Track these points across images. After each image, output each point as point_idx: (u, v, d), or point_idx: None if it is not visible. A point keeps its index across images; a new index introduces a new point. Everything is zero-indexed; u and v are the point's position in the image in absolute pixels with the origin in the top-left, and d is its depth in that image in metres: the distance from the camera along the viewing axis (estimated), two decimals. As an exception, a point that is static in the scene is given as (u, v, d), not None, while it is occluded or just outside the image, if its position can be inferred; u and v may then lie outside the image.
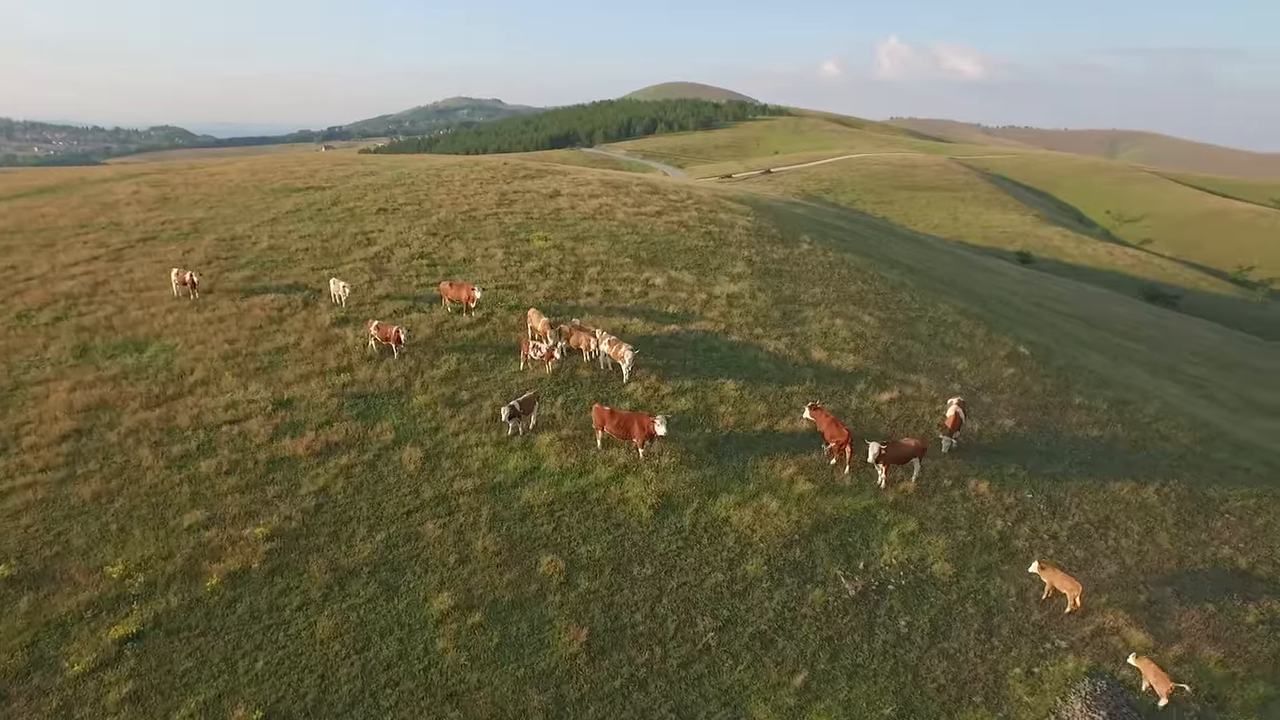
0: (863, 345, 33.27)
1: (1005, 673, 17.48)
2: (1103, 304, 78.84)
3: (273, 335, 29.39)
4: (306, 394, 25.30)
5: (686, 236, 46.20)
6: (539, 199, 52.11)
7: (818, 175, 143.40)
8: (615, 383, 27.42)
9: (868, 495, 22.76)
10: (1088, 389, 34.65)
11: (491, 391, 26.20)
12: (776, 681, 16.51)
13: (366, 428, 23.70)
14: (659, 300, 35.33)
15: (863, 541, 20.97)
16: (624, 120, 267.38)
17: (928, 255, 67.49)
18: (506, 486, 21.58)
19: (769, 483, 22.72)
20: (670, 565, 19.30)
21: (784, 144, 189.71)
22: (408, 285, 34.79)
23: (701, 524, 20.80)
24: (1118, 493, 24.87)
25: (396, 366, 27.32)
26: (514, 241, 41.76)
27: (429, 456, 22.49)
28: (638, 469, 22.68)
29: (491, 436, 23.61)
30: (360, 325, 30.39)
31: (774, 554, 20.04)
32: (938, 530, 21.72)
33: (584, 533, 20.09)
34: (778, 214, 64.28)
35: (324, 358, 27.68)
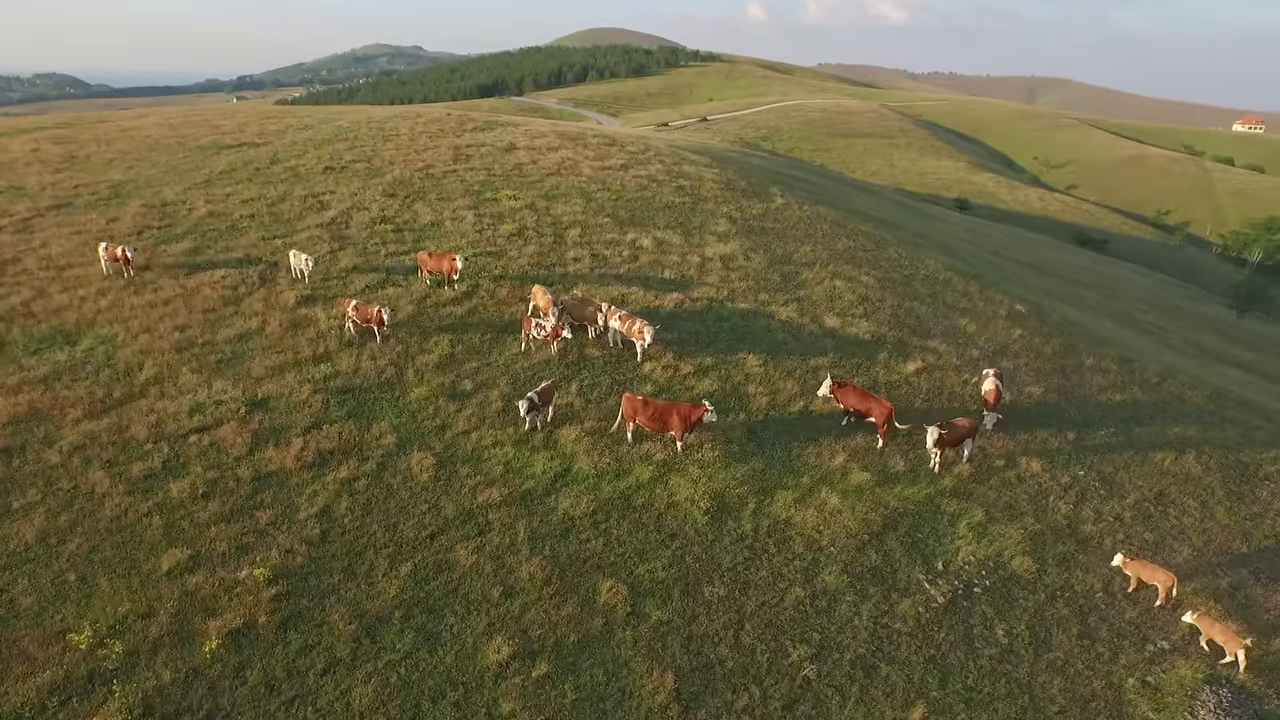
0: (872, 309, 30.98)
1: (1121, 685, 15.64)
2: (1045, 251, 79.02)
3: (231, 320, 25.09)
4: (284, 391, 21.41)
5: (659, 192, 42.88)
6: (496, 153, 47.73)
7: (754, 123, 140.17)
8: (629, 363, 24.38)
9: (924, 482, 20.57)
10: (1092, 348, 33.34)
11: (497, 379, 22.80)
12: (893, 719, 14.24)
13: (361, 430, 20.10)
14: (651, 265, 32.19)
15: (934, 537, 18.80)
16: (554, 68, 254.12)
17: (888, 206, 65.78)
18: (538, 495, 18.48)
19: (822, 474, 20.26)
20: (743, 582, 16.71)
21: (717, 91, 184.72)
22: (375, 255, 30.63)
23: (764, 528, 18.22)
24: (1161, 464, 23.42)
25: (382, 353, 23.56)
26: (481, 202, 37.71)
27: (442, 462, 19.13)
28: (680, 466, 19.87)
29: (509, 434, 20.36)
30: (331, 305, 26.32)
31: (849, 559, 17.66)
32: (1005, 519, 19.72)
33: (638, 548, 17.26)
34: (740, 165, 61.29)
35: (296, 345, 23.68)
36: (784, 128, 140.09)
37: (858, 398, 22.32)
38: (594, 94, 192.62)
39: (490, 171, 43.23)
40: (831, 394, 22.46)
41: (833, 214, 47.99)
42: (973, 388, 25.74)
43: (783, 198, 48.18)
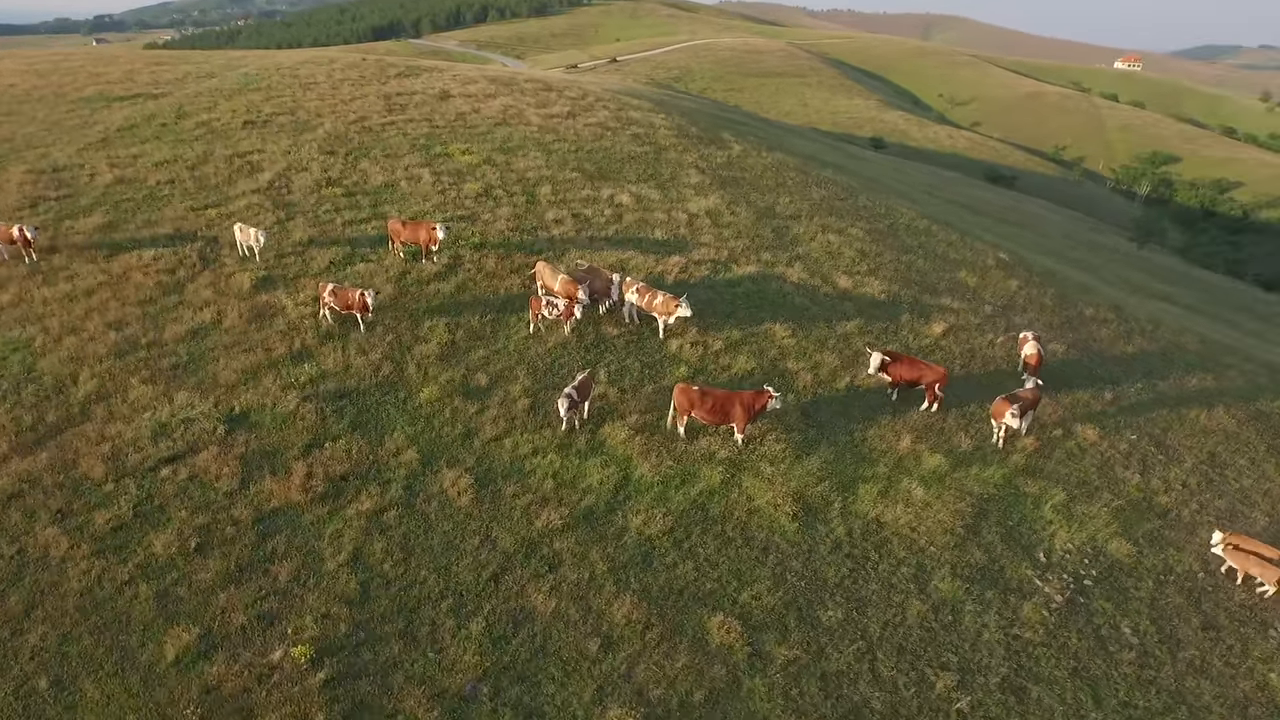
0: (875, 265, 28.90)
1: (1267, 683, 14.38)
2: (968, 189, 79.33)
3: (177, 312, 20.56)
4: (265, 400, 17.45)
5: (617, 142, 39.30)
6: (431, 102, 42.75)
7: (665, 63, 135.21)
8: (652, 341, 21.45)
9: (994, 461, 18.74)
10: (1080, 295, 32.56)
11: (513, 369, 19.45)
12: (1064, 754, 12.44)
13: (373, 445, 16.53)
14: (638, 224, 29.02)
15: (1026, 524, 17.04)
16: (452, 7, 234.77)
17: (826, 150, 63.94)
18: (601, 512, 15.58)
19: (895, 460, 18.13)
20: (857, 600, 14.47)
21: (623, 30, 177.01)
22: (330, 225, 26.18)
23: (856, 531, 15.99)
24: (1198, 420, 22.51)
25: (372, 345, 19.74)
26: (433, 158, 33.30)
27: (480, 480, 15.88)
28: (748, 463, 17.31)
29: (547, 438, 17.22)
30: (296, 287, 22.07)
31: (954, 560, 15.68)
32: (1084, 497, 18.15)
33: (734, 569, 14.70)
34: (681, 110, 57.87)
35: (266, 340, 19.54)
36: (696, 68, 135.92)
37: (909, 368, 20.27)
38: (496, 35, 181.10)
39: (432, 123, 38.50)
40: (884, 371, 20.27)
41: (792, 160, 45.59)
42: (1000, 348, 24.16)
43: (738, 144, 45.37)
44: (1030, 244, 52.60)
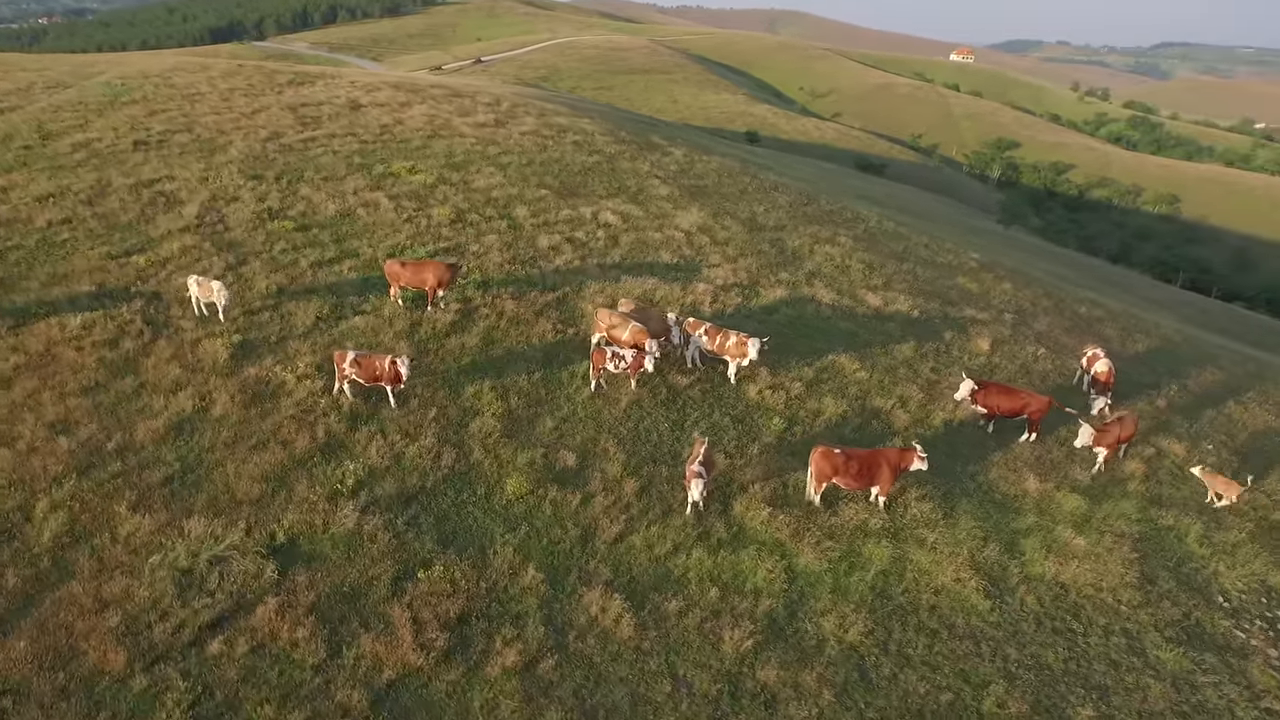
0: (889, 278, 27.42)
1: None
2: (853, 180, 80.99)
3: (144, 401, 15.66)
4: (313, 520, 13.24)
5: (563, 152, 35.99)
6: (344, 113, 37.63)
7: (532, 63, 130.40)
8: (726, 388, 18.69)
9: (1117, 494, 17.43)
10: (1057, 291, 32.65)
11: (597, 440, 16.09)
12: None
13: (478, 566, 12.81)
14: (637, 246, 26.07)
15: (1187, 565, 15.71)
16: (298, 7, 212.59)
17: (740, 149, 62.83)
18: (785, 620, 12.73)
19: (1037, 506, 16.36)
20: (1095, 688, 12.45)
21: (482, 30, 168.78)
22: (296, 269, 21.48)
23: (1046, 599, 14.02)
24: (1242, 418, 22.45)
25: (416, 425, 15.76)
26: (379, 179, 28.78)
27: (631, 598, 12.58)
28: (905, 530, 14.98)
29: (677, 529, 14.10)
30: (284, 354, 17.53)
31: (1154, 620, 14.04)
32: (1217, 526, 17.13)
33: (959, 672, 12.26)
34: (598, 113, 54.95)
35: (279, 431, 15.15)
36: (563, 66, 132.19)
37: (1005, 397, 18.67)
38: (349, 37, 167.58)
39: (358, 138, 33.63)
40: (973, 398, 18.56)
41: (734, 165, 43.88)
42: (1046, 360, 23.20)
43: (676, 148, 43.12)
44: (957, 238, 53.66)
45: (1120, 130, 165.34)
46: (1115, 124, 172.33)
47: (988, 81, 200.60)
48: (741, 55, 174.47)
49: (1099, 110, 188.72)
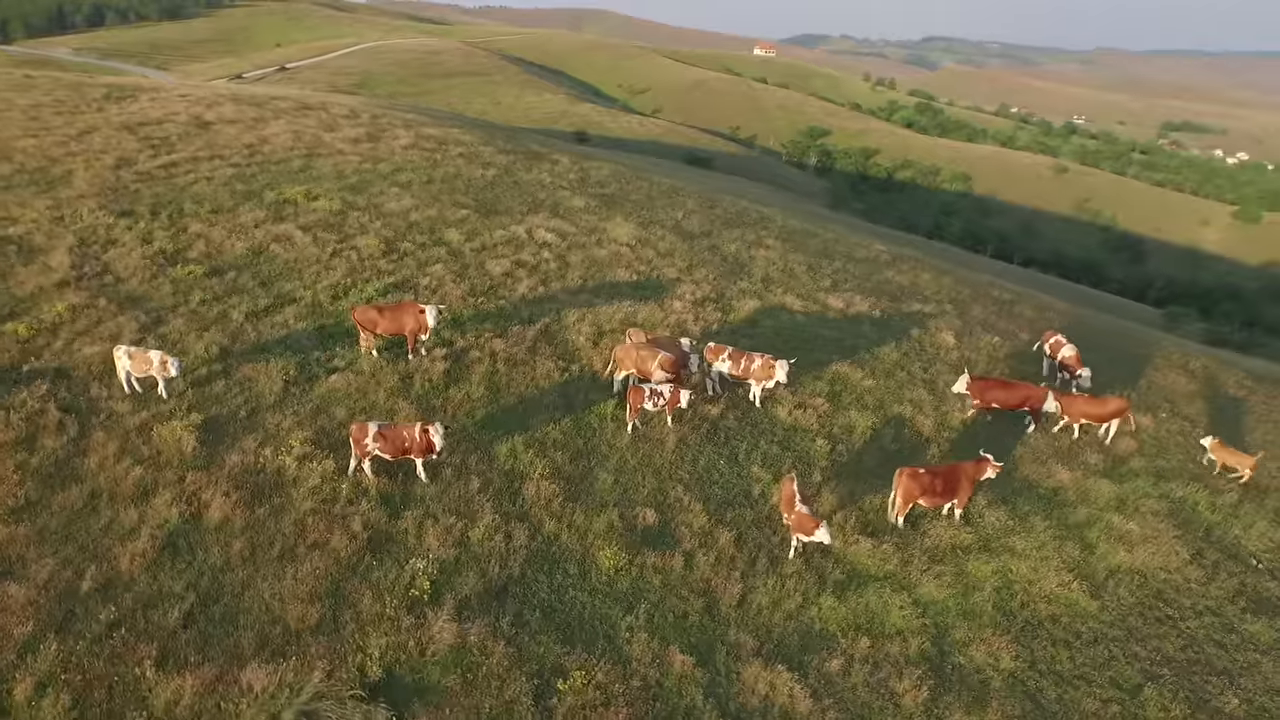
0: (835, 280, 27.73)
1: None
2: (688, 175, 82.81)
3: (107, 515, 12.23)
4: (405, 642, 10.73)
5: (460, 167, 33.57)
6: (195, 132, 32.89)
7: (344, 69, 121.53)
8: (756, 412, 17.85)
9: (1129, 474, 18.39)
10: (966, 277, 34.63)
11: (665, 492, 14.64)
12: None
13: (617, 665, 10.91)
14: (590, 266, 24.61)
15: (1215, 534, 16.69)
16: (51, 6, 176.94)
17: (616, 155, 61.93)
18: (938, 659, 12.07)
19: (1081, 498, 16.85)
20: (1216, 668, 12.77)
21: (281, 34, 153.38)
22: (230, 323, 18.02)
23: (1132, 588, 14.35)
24: (1165, 382, 24.55)
25: (467, 503, 13.54)
26: (276, 208, 25.22)
27: (789, 664, 11.37)
28: (993, 542, 14.85)
29: (792, 578, 12.99)
30: (266, 433, 14.56)
31: (1221, 591, 14.79)
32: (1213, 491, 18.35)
33: (1111, 680, 12.17)
34: (465, 123, 52.14)
35: (306, 533, 12.34)
36: (378, 72, 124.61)
37: (1004, 390, 19.26)
38: (124, 42, 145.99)
39: (226, 160, 29.45)
40: (968, 391, 18.92)
41: (622, 170, 43.07)
42: (1002, 348, 24.30)
43: (560, 155, 41.68)
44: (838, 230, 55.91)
45: (909, 116, 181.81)
46: (905, 110, 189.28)
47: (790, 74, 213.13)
48: (557, 55, 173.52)
49: (890, 98, 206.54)
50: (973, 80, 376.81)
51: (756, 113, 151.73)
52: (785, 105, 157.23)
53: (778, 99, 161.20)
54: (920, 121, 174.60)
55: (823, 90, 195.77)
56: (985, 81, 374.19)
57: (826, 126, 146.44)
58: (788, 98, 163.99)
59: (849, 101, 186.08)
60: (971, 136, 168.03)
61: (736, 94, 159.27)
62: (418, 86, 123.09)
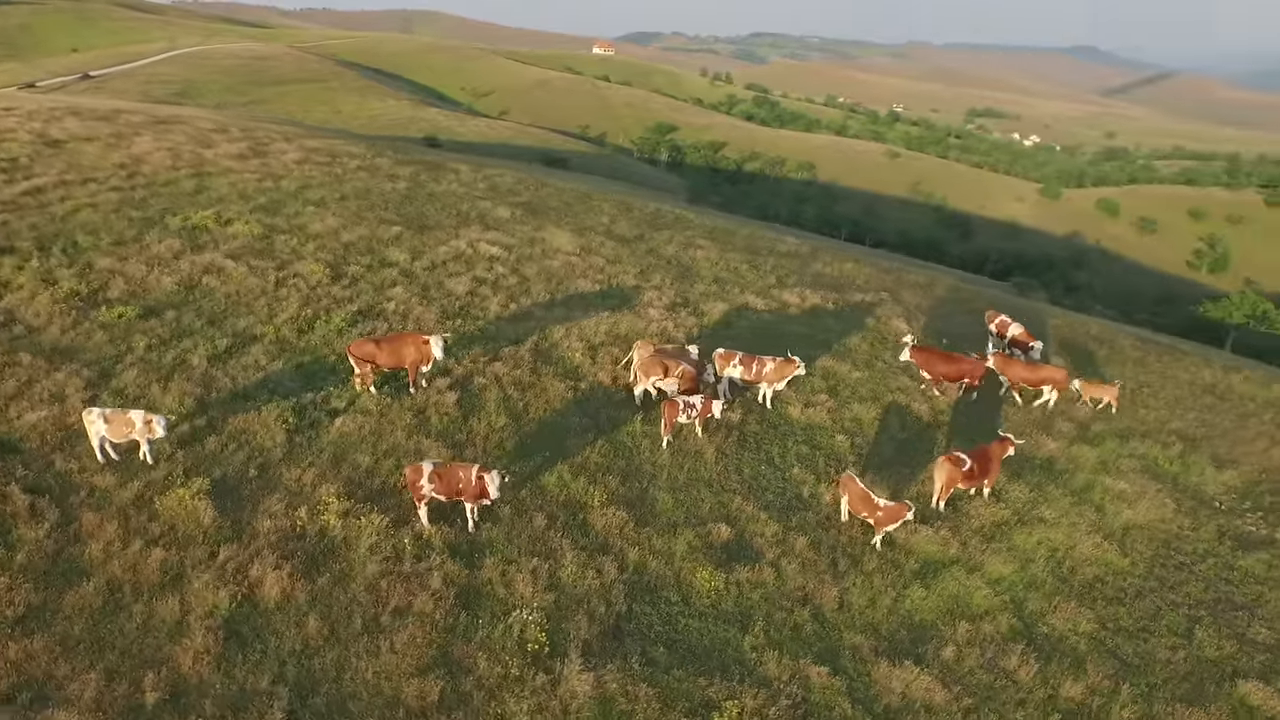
0: (780, 277, 28.37)
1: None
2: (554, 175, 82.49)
3: (138, 612, 10.38)
4: (544, 703, 9.98)
5: (367, 181, 31.71)
6: (44, 152, 28.96)
7: (159, 76, 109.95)
8: (773, 414, 17.97)
9: (1092, 435, 20.06)
10: (883, 266, 36.42)
11: (727, 502, 14.36)
12: None
13: (759, 688, 10.50)
14: (549, 279, 23.92)
15: (1180, 482, 18.59)
16: None
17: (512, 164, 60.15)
18: (1026, 632, 12.59)
19: (1070, 466, 18.20)
20: (1237, 604, 14.17)
21: (76, 37, 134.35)
22: (193, 370, 15.91)
23: (1147, 542, 15.72)
24: (1099, 353, 27.11)
25: (538, 541, 12.70)
26: (188, 235, 22.71)
27: (911, 658, 11.51)
28: (1024, 515, 15.73)
29: (876, 574, 13.21)
30: (287, 490, 13.01)
31: (1211, 535, 16.44)
32: (1150, 440, 20.45)
33: (1165, 626, 13.25)
34: (335, 133, 49.17)
35: (386, 599, 11.04)
36: (201, 80, 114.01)
37: (946, 362, 20.28)
38: None
39: (103, 184, 26.21)
40: (913, 360, 20.02)
41: (524, 176, 42.12)
42: (940, 331, 25.74)
43: (459, 165, 40.23)
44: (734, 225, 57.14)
45: (749, 110, 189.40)
46: (744, 104, 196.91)
47: (631, 72, 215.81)
48: (393, 58, 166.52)
49: (728, 92, 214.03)
50: (800, 73, 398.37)
51: (604, 111, 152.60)
52: (631, 103, 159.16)
53: (624, 97, 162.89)
54: (759, 114, 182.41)
55: (664, 87, 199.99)
56: (811, 74, 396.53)
57: (674, 122, 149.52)
58: (633, 95, 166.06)
59: (691, 97, 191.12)
60: (809, 127, 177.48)
61: (582, 93, 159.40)
62: (248, 95, 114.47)
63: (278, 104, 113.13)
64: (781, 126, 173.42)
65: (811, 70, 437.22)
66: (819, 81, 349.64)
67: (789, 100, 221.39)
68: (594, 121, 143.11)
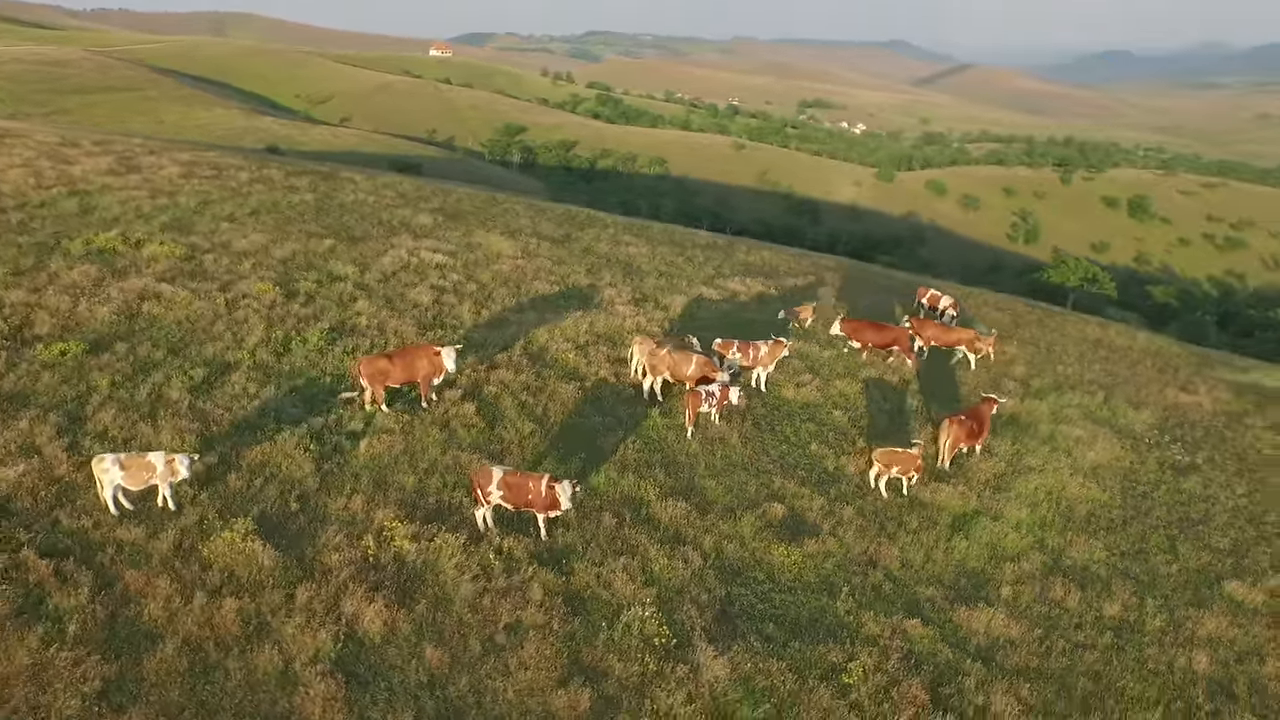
0: (716, 268, 29.26)
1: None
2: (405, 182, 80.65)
3: (243, 667, 9.55)
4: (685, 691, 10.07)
5: (275, 196, 29.69)
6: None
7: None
8: (773, 396, 18.71)
9: (1029, 391, 22.32)
10: (797, 254, 38.11)
11: (770, 482, 14.89)
12: None
13: (873, 645, 11.21)
14: (506, 282, 23.61)
15: (1114, 423, 21.05)
16: None
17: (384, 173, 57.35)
18: (1056, 566, 13.97)
19: (1029, 416, 20.20)
20: (1193, 519, 16.49)
21: None
22: (177, 405, 14.49)
23: (1114, 477, 17.75)
24: (1026, 331, 29.91)
25: (621, 542, 12.65)
26: (104, 261, 20.56)
27: (984, 603, 12.46)
28: (1016, 464, 17.32)
29: (921, 531, 14.14)
30: (343, 521, 12.23)
31: (1156, 464, 18.82)
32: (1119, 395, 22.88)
33: (1159, 545, 15.11)
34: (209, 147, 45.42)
35: (494, 615, 10.66)
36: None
37: (875, 332, 21.85)
38: None
39: None
40: (844, 332, 21.58)
41: (418, 182, 40.93)
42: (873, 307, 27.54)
43: (350, 174, 38.50)
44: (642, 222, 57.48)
45: (593, 108, 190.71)
46: (588, 102, 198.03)
47: (472, 74, 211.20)
48: (214, 64, 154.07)
49: (571, 92, 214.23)
50: (636, 70, 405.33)
51: (450, 114, 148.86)
52: (477, 105, 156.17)
53: (468, 99, 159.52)
54: (604, 112, 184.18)
55: (508, 88, 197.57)
56: (647, 71, 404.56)
57: (522, 123, 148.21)
58: (477, 97, 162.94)
59: (535, 97, 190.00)
60: (654, 123, 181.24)
61: (425, 96, 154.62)
62: (48, 105, 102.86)
63: (82, 113, 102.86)
64: (628, 124, 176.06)
65: (647, 67, 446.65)
66: (655, 78, 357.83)
67: (631, 97, 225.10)
68: (440, 125, 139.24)
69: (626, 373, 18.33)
